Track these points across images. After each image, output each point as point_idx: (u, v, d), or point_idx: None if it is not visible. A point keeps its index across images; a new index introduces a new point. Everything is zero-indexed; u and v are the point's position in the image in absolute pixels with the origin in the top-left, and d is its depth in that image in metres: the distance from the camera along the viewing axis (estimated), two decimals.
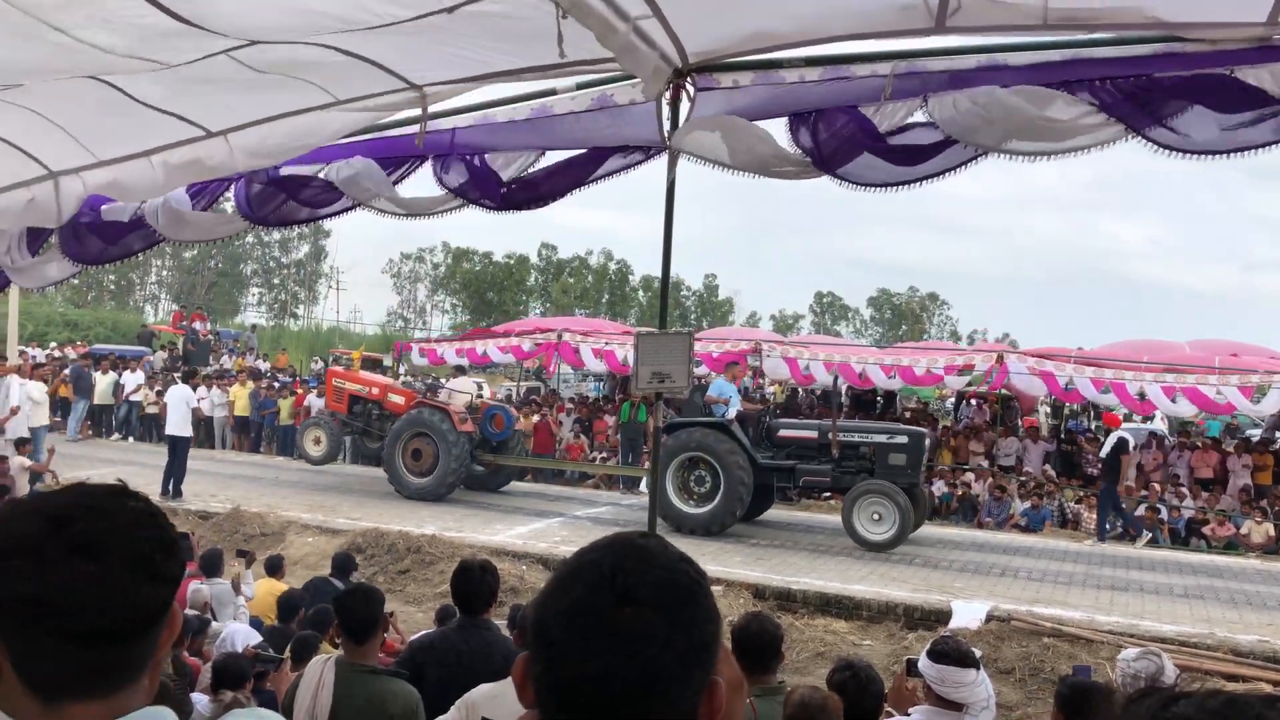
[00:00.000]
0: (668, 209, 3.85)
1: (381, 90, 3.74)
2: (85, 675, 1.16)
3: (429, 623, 8.39)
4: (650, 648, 0.99)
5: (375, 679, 3.67)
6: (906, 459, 12.84)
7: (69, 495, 1.21)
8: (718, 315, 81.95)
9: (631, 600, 1.00)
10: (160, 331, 28.35)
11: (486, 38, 3.19)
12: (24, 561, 1.13)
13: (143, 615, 1.18)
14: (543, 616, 1.05)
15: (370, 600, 3.85)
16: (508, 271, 75.58)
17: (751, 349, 19.86)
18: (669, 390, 4.07)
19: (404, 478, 14.97)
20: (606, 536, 1.11)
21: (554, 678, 1.02)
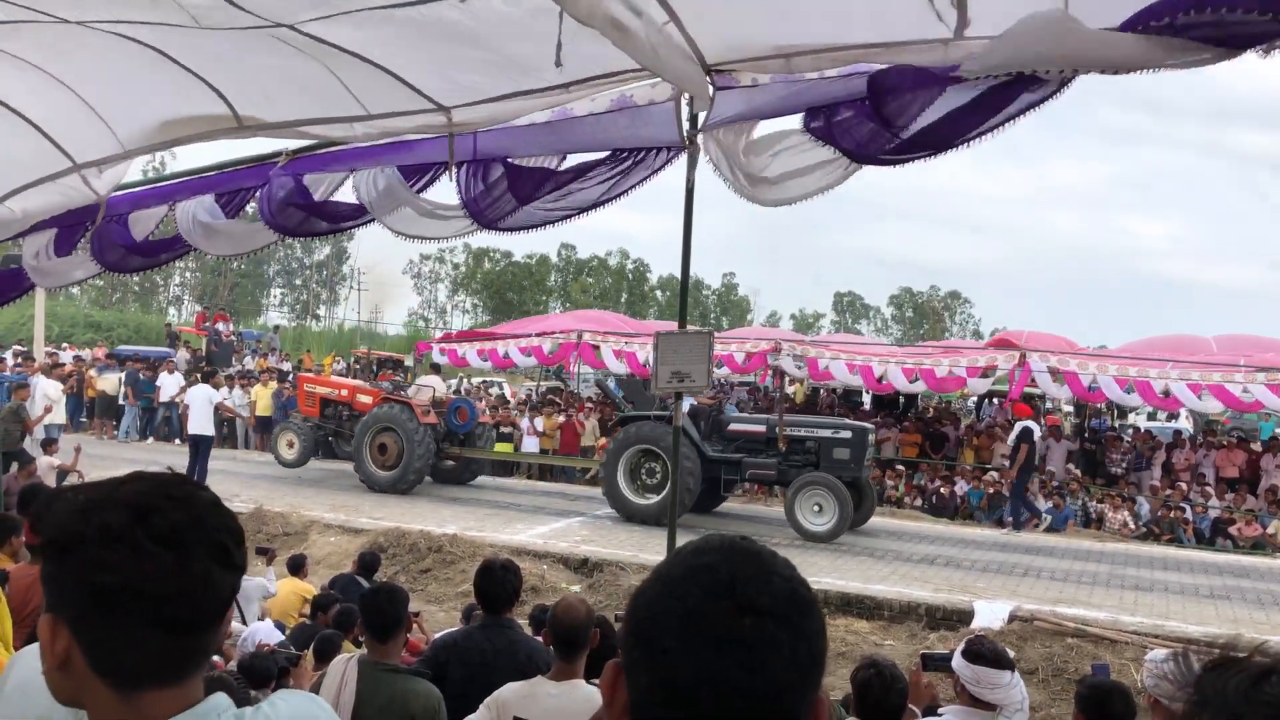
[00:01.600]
0: (687, 209, 3.85)
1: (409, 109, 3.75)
2: (165, 663, 1.18)
3: (451, 621, 8.43)
4: (775, 660, 0.95)
5: (397, 678, 3.69)
6: (850, 453, 13.18)
7: (146, 484, 1.21)
8: (737, 315, 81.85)
9: (753, 609, 0.96)
10: (183, 333, 28.56)
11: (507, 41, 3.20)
12: (111, 551, 1.14)
13: (219, 602, 1.20)
14: (650, 622, 0.99)
15: (394, 599, 3.87)
16: (528, 271, 75.79)
17: (771, 348, 19.80)
18: (689, 390, 4.07)
19: (371, 471, 15.42)
20: (708, 539, 1.06)
21: (666, 688, 0.96)
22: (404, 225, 4.24)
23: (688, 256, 4.05)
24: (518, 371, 30.25)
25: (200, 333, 27.13)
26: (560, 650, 3.54)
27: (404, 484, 15.34)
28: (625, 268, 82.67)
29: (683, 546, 1.06)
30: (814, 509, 12.93)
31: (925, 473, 18.63)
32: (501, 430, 19.67)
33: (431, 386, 16.43)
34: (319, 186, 4.39)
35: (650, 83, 3.67)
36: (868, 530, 14.24)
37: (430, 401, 15.80)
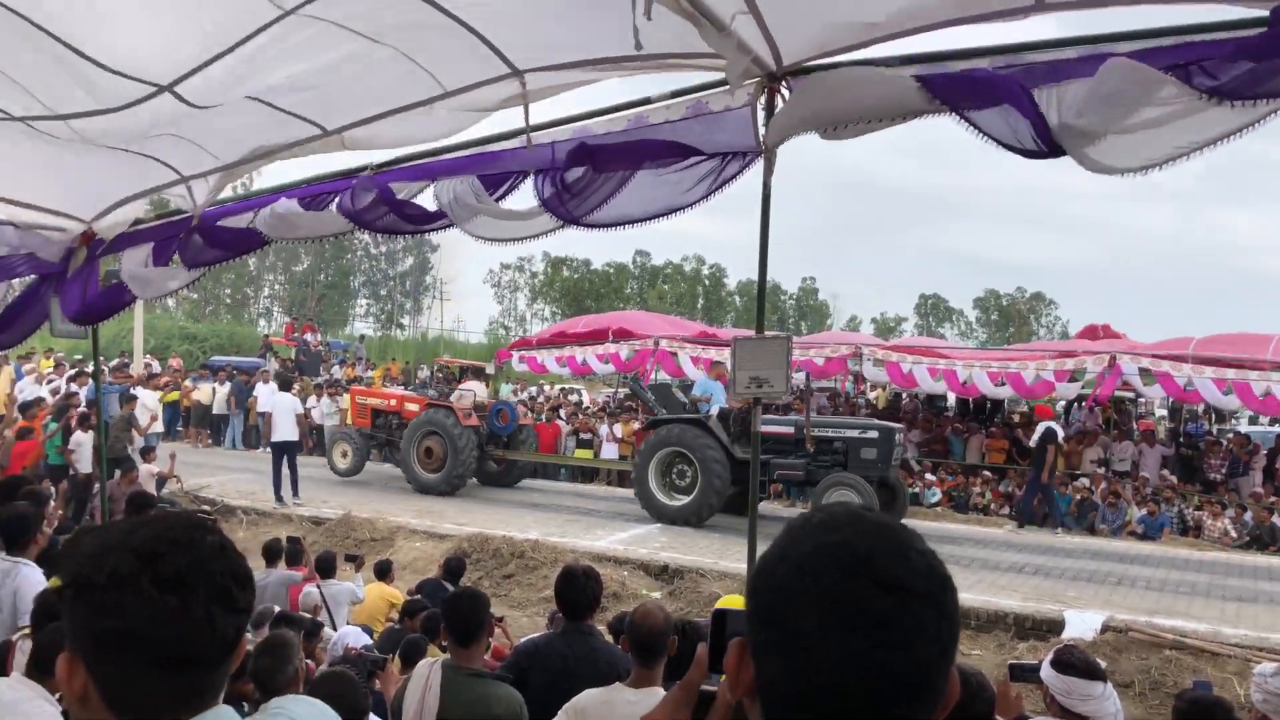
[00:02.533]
0: (764, 213, 3.83)
1: (484, 78, 3.80)
2: (174, 700, 1.24)
3: (534, 627, 8.51)
4: (921, 640, 0.91)
5: (480, 682, 3.73)
6: (877, 453, 13.28)
7: (155, 529, 1.27)
8: (816, 319, 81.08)
9: (895, 587, 0.92)
10: (273, 343, 29.37)
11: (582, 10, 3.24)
12: (117, 595, 1.20)
13: (222, 643, 1.25)
14: (782, 603, 0.95)
15: (476, 604, 3.92)
16: (605, 279, 76.22)
17: (851, 353, 19.59)
18: (768, 395, 4.04)
19: (418, 474, 16.10)
20: (834, 513, 1.01)
21: (804, 670, 0.92)
22: (483, 229, 4.31)
23: (765, 261, 4.02)
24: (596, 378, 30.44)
25: (289, 343, 27.90)
26: (639, 657, 3.54)
27: (449, 485, 15.86)
28: (701, 273, 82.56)
29: (805, 520, 1.02)
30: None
31: (1012, 479, 18.20)
32: (581, 437, 19.80)
33: (473, 391, 16.99)
34: (400, 194, 4.49)
35: (727, 89, 3.67)
36: (952, 537, 13.98)
37: (472, 405, 16.36)
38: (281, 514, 13.94)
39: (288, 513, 13.97)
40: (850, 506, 1.03)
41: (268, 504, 14.43)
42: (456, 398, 16.70)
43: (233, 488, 15.41)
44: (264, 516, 13.91)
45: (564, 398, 25.37)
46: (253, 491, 15.18)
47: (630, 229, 4.03)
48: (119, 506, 8.90)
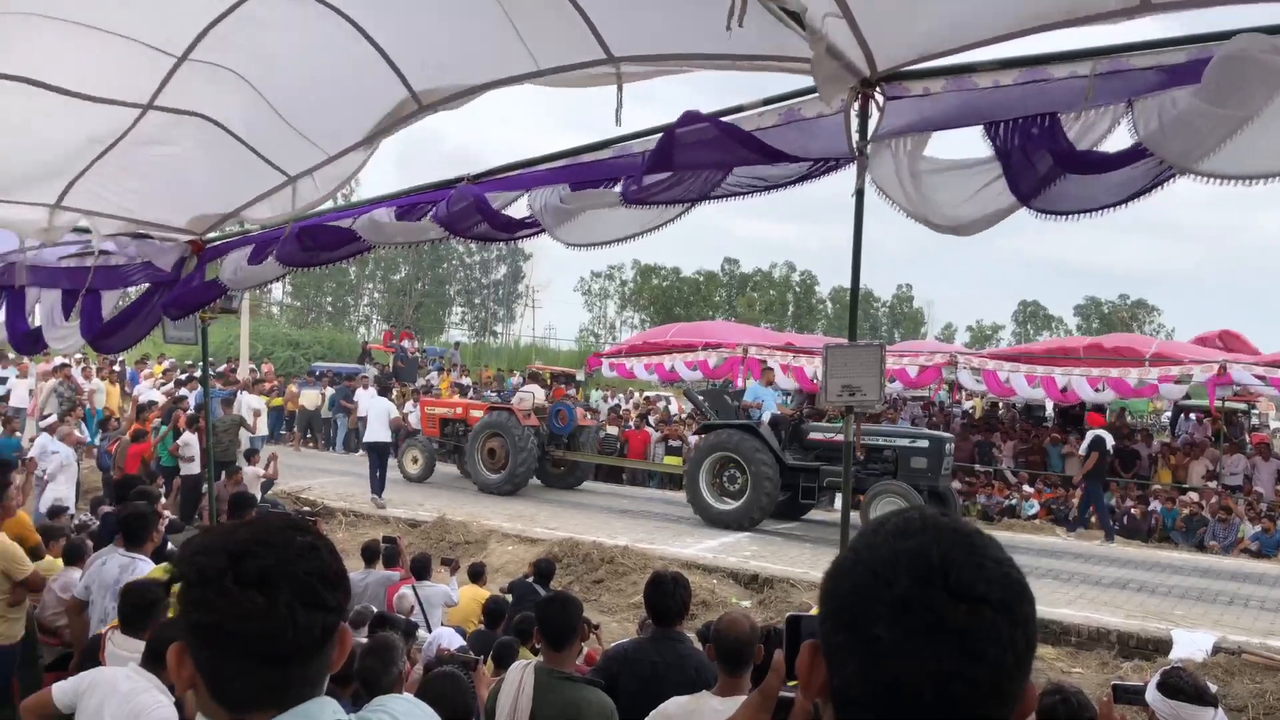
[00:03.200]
0: (857, 219, 3.80)
1: (579, 60, 3.86)
2: (266, 692, 1.31)
3: (625, 632, 8.55)
4: (994, 649, 0.91)
5: (572, 685, 3.77)
6: (927, 462, 13.35)
7: (249, 530, 1.35)
8: (910, 327, 79.66)
9: (969, 596, 0.92)
10: (372, 350, 30.15)
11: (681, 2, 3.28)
12: (205, 591, 1.28)
13: (308, 640, 1.30)
14: (856, 609, 0.96)
15: (568, 608, 3.96)
16: (695, 287, 76.18)
17: (946, 361, 19.20)
18: (860, 404, 4.00)
19: (482, 474, 16.69)
20: (909, 518, 1.01)
21: (878, 676, 0.93)
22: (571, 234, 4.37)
23: (857, 268, 3.98)
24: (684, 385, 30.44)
25: (388, 350, 28.60)
26: (724, 665, 3.54)
27: (511, 484, 16.36)
28: (792, 280, 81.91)
29: (880, 524, 1.02)
30: None
31: (1115, 492, 17.61)
32: (670, 444, 19.82)
33: (531, 394, 17.65)
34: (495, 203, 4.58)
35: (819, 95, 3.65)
36: (1051, 550, 13.59)
37: (531, 407, 17.00)
38: (379, 516, 14.29)
39: (385, 514, 14.32)
40: (925, 512, 1.02)
41: (366, 506, 14.80)
42: (517, 400, 17.33)
43: (332, 490, 15.85)
44: (362, 518, 14.27)
45: (653, 405, 25.42)
46: (352, 494, 15.59)
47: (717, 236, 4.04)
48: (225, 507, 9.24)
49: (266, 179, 5.13)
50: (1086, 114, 2.92)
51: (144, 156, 4.81)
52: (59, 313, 6.97)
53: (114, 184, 5.12)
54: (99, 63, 3.90)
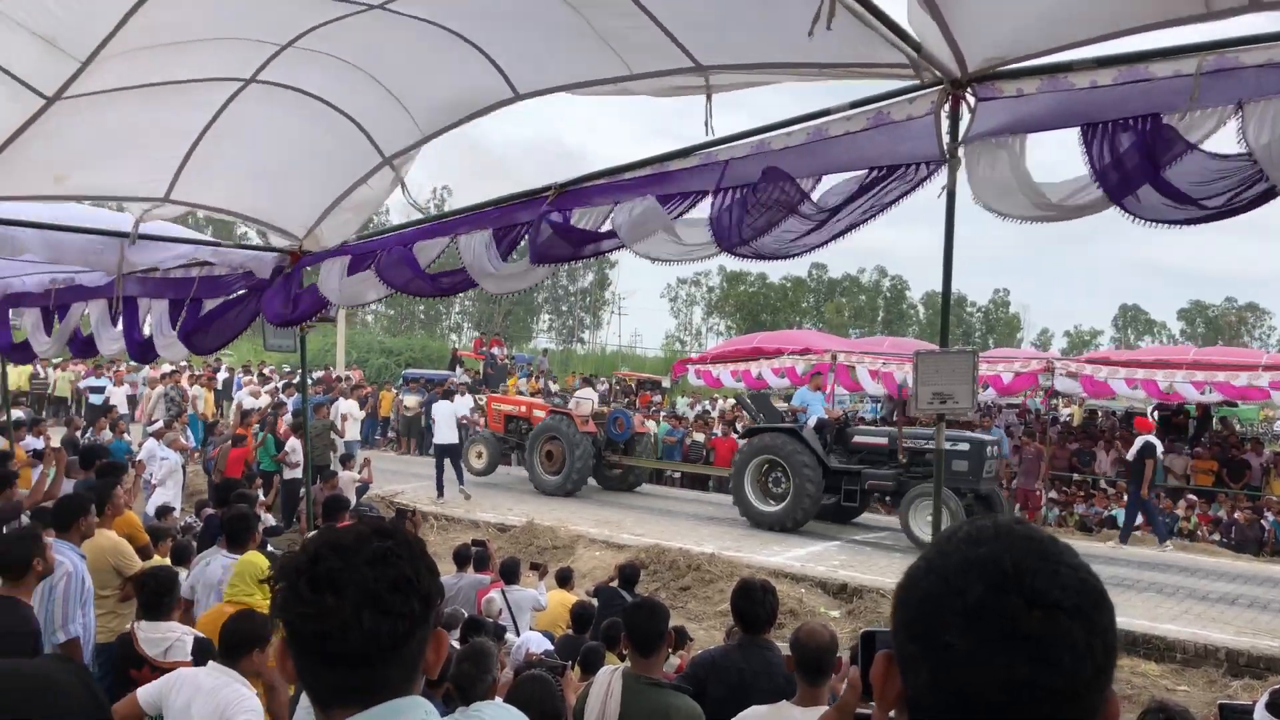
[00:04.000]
0: (948, 222, 3.73)
1: (668, 68, 3.89)
2: (342, 691, 1.34)
3: (710, 640, 8.53)
4: (1069, 656, 0.89)
5: (660, 692, 3.77)
6: (969, 465, 13.26)
7: (328, 536, 1.39)
8: (1005, 333, 77.81)
9: (1043, 603, 0.90)
10: (463, 356, 30.67)
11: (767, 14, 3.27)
12: (286, 591, 1.34)
13: (375, 644, 1.32)
14: (928, 616, 0.95)
15: (656, 615, 3.96)
16: (781, 293, 75.66)
17: (1042, 367, 18.68)
18: (951, 411, 3.93)
19: (540, 476, 17.16)
20: (981, 526, 1.00)
21: (950, 685, 0.92)
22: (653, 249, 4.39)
23: (949, 272, 3.91)
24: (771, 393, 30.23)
25: (478, 356, 29.05)
26: (804, 675, 3.51)
27: (567, 487, 16.79)
28: (882, 285, 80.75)
29: (952, 533, 1.01)
30: (928, 519, 12.80)
31: (1223, 503, 16.88)
32: None
33: (589, 399, 17.99)
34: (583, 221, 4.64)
35: (908, 98, 3.61)
36: (1155, 563, 13.11)
37: (589, 412, 17.34)
38: (469, 519, 14.52)
39: (475, 518, 14.54)
40: (999, 520, 1.01)
41: (457, 510, 15.06)
42: (574, 405, 17.67)
43: (424, 494, 16.15)
44: (453, 522, 14.52)
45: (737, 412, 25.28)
46: (443, 499, 15.88)
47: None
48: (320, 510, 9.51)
49: (364, 160, 5.27)
50: (1190, 114, 2.81)
51: (241, 145, 4.99)
52: (166, 322, 7.27)
53: (216, 176, 5.30)
54: (203, 53, 4.05)
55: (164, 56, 3.91)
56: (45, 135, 4.23)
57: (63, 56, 3.68)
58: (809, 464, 13.96)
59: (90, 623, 5.23)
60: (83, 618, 5.11)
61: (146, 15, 3.45)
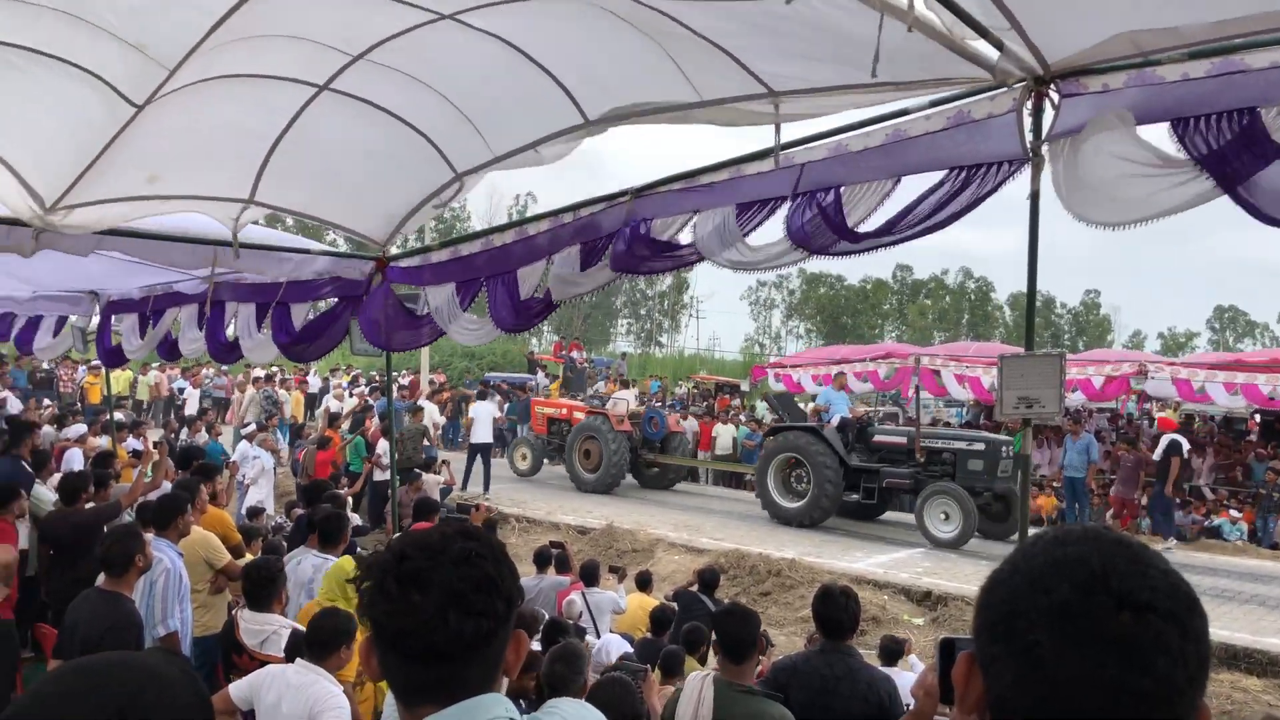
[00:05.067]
0: (1033, 222, 3.65)
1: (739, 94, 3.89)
2: (425, 687, 1.37)
3: (791, 646, 8.47)
4: (1163, 660, 0.87)
5: (754, 699, 3.75)
6: (984, 464, 13.81)
7: (416, 536, 1.42)
8: (1095, 335, 75.67)
9: (1133, 604, 0.88)
10: (542, 360, 30.96)
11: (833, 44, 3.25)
12: (372, 589, 1.37)
13: (459, 642, 1.35)
14: (1013, 616, 0.93)
15: (749, 621, 3.95)
16: (863, 295, 74.79)
17: (1135, 371, 18.10)
18: (1038, 417, 3.84)
19: (578, 473, 17.87)
20: (1068, 529, 0.98)
21: (1039, 686, 0.90)
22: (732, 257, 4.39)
23: (1034, 273, 3.83)
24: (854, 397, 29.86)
25: (557, 360, 29.30)
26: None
27: (604, 484, 17.51)
28: (966, 287, 79.23)
29: (1038, 536, 1.00)
30: (941, 517, 13.62)
31: None
32: None
33: (625, 400, 18.71)
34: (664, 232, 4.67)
35: (990, 95, 3.54)
36: (1258, 574, 12.61)
37: (625, 412, 18.02)
38: (550, 522, 14.66)
39: (555, 520, 14.68)
40: (1086, 525, 1.00)
41: (538, 512, 15.22)
42: (610, 405, 18.38)
43: (505, 496, 16.37)
44: (535, 524, 14.68)
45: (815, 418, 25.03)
46: (524, 500, 16.07)
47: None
48: (407, 512, 9.70)
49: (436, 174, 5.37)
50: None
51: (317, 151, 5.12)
52: (254, 325, 7.51)
53: (294, 180, 5.46)
54: (281, 52, 4.16)
55: (242, 53, 4.02)
56: (135, 139, 4.40)
57: (152, 65, 3.82)
58: (829, 462, 14.46)
59: (188, 617, 5.45)
60: (181, 612, 5.32)
61: (230, 23, 3.58)
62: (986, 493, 13.83)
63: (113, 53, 3.69)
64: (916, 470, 14.33)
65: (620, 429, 17.66)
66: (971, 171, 3.59)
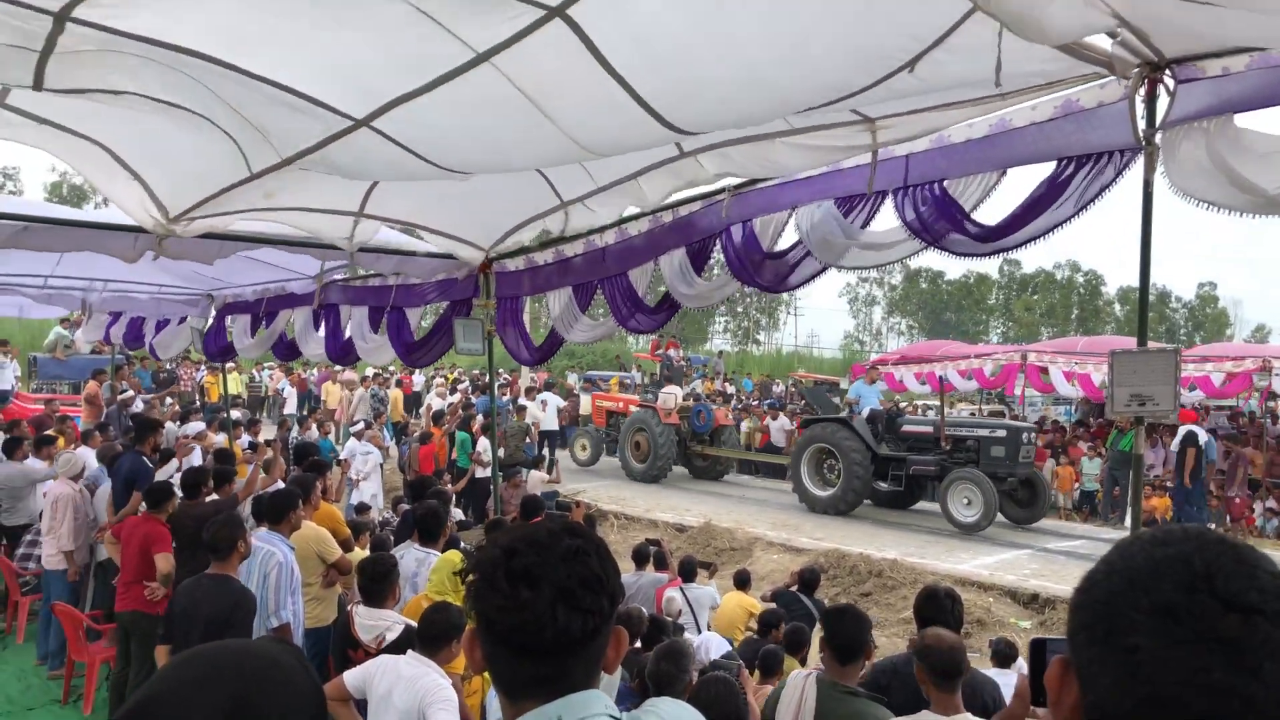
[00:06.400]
0: (1145, 213, 3.53)
1: (833, 122, 3.83)
2: (530, 682, 1.39)
3: (892, 648, 8.34)
4: (1272, 665, 0.83)
5: (857, 700, 3.72)
6: (1005, 451, 14.26)
7: (525, 531, 1.44)
8: (1213, 329, 72.41)
9: (1240, 606, 0.85)
10: (639, 359, 31.13)
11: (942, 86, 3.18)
12: (481, 583, 1.39)
13: (566, 638, 1.36)
14: (1112, 618, 0.91)
15: (860, 624, 3.91)
16: (966, 290, 73.04)
17: (1258, 367, 17.26)
18: (1152, 414, 3.70)
19: (630, 464, 18.79)
20: (1169, 530, 0.95)
21: (1140, 689, 0.86)
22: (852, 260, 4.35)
23: (1147, 266, 3.69)
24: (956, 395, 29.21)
25: (655, 358, 29.42)
26: (939, 680, 3.43)
27: (653, 473, 18.27)
28: (1075, 281, 76.66)
29: (1135, 536, 0.97)
30: (964, 502, 14.05)
31: None
32: None
33: (673, 394, 19.27)
34: (766, 231, 4.64)
35: (1100, 83, 3.43)
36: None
37: (674, 406, 18.80)
38: (648, 519, 14.73)
39: (654, 518, 14.74)
40: (1189, 526, 0.95)
41: (637, 509, 15.32)
42: (660, 400, 19.03)
43: (604, 494, 16.50)
44: (633, 521, 14.76)
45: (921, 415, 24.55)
46: (623, 497, 16.17)
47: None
48: (509, 509, 9.87)
49: (543, 200, 5.46)
50: None
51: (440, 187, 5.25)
52: (367, 327, 7.76)
53: (403, 194, 5.61)
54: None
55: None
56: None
57: (269, 148, 4.02)
58: (858, 451, 15.09)
59: (299, 609, 5.65)
60: (293, 604, 5.53)
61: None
62: (1010, 478, 14.25)
63: (246, 127, 3.87)
64: (942, 458, 14.81)
65: (668, 421, 18.46)
66: (1081, 162, 3.48)
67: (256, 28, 3.02)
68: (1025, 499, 14.69)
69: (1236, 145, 3.08)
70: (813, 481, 15.84)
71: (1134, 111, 3.34)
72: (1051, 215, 3.62)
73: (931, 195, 3.91)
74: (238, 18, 2.98)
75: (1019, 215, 3.71)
